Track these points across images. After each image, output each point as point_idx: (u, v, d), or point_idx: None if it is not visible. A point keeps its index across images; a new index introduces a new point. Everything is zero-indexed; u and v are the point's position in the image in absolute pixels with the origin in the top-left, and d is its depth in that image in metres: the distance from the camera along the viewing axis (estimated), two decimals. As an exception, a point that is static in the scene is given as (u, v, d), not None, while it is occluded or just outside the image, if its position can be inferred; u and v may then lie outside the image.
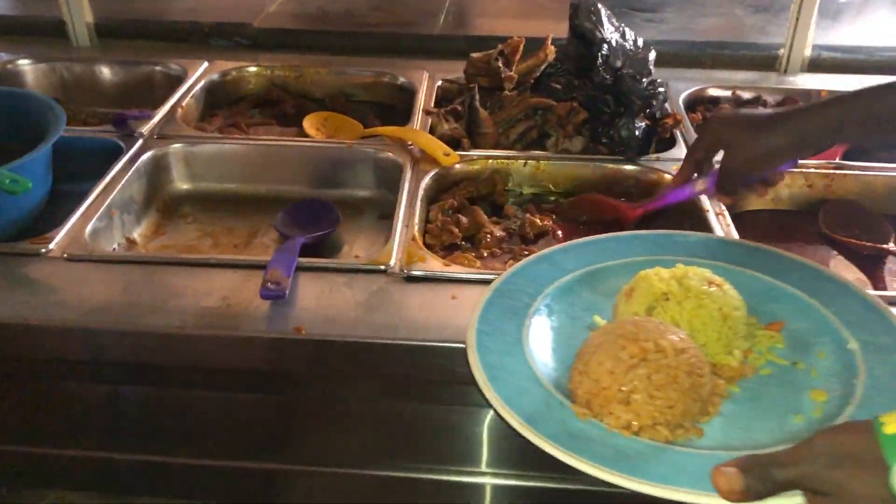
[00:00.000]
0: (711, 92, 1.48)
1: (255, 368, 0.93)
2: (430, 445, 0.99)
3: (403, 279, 0.97)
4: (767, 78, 1.55)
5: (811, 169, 1.22)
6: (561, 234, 1.16)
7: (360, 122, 1.40)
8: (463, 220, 1.14)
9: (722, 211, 1.10)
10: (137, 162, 1.20)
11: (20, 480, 1.13)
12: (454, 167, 1.21)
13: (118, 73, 1.56)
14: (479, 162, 1.24)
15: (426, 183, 1.17)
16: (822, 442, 0.56)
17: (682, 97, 1.43)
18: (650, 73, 1.31)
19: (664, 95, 1.29)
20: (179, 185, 1.27)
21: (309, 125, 1.40)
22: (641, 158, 1.23)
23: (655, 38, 1.51)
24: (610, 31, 1.31)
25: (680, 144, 1.28)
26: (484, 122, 1.30)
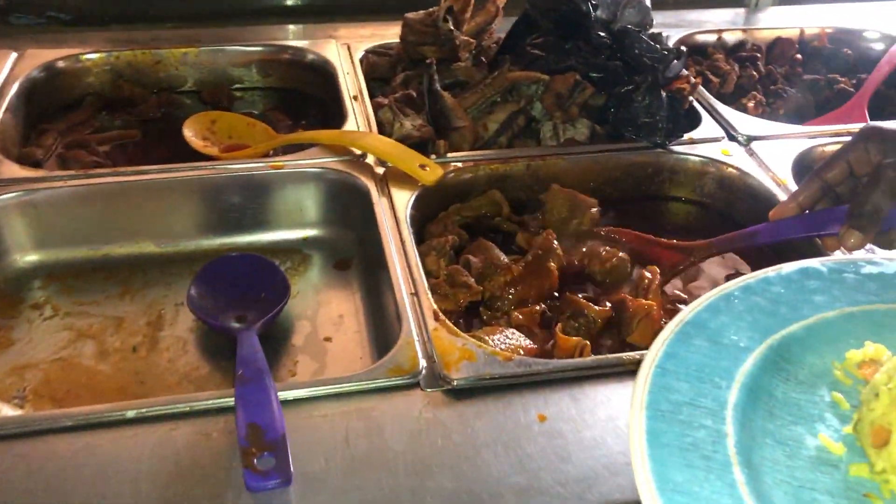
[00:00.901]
0: (699, 38, 1.20)
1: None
2: None
3: (450, 394, 0.62)
4: (746, 18, 1.30)
5: None
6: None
7: (264, 122, 0.99)
8: (474, 262, 0.79)
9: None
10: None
11: None
12: (440, 183, 0.85)
13: None
14: (468, 170, 0.88)
15: (409, 213, 0.81)
16: None
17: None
18: (652, 22, 1.01)
19: (680, 52, 0.98)
20: (19, 257, 0.82)
21: (192, 133, 0.98)
22: (673, 142, 0.93)
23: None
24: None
25: (706, 118, 0.98)
26: (454, 111, 0.94)
